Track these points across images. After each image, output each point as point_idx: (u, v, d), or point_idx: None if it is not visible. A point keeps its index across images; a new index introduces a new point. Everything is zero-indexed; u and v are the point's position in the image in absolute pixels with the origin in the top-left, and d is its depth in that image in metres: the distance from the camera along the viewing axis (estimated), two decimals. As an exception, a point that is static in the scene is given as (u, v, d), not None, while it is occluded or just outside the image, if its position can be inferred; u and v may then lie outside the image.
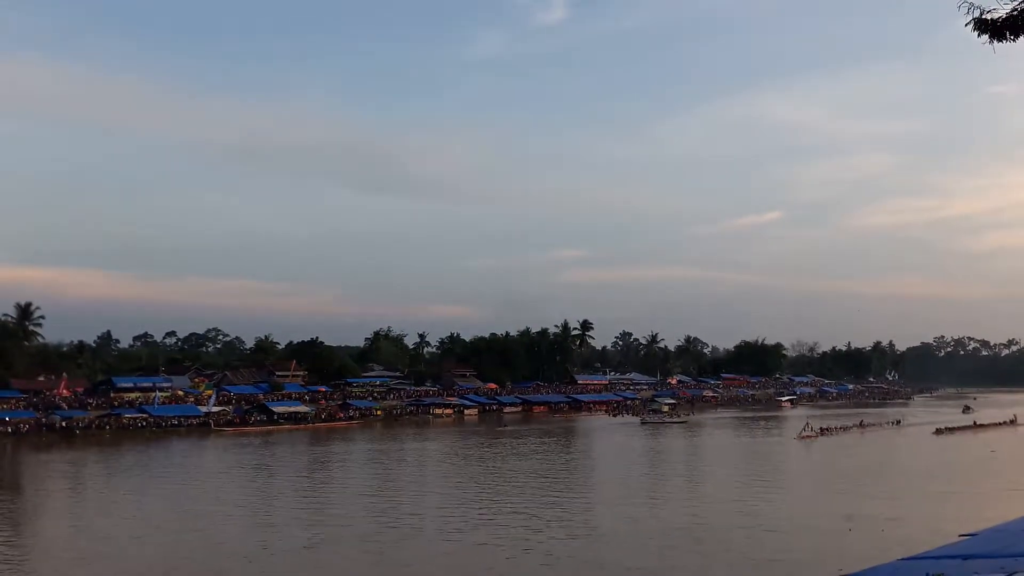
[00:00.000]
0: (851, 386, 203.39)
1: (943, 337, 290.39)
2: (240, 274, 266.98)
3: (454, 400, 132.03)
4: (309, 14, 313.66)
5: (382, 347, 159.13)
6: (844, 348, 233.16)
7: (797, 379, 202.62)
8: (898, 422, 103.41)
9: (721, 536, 36.26)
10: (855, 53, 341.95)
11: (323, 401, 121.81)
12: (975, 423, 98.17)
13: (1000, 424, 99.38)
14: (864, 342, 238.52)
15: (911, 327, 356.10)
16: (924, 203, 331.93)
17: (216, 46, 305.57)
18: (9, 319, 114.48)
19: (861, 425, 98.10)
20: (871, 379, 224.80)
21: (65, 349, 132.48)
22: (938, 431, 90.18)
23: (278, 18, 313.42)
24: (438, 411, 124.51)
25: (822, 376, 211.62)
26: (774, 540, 35.38)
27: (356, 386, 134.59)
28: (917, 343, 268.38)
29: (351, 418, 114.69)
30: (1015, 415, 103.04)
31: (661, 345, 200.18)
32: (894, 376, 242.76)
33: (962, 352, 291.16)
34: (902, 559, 8.13)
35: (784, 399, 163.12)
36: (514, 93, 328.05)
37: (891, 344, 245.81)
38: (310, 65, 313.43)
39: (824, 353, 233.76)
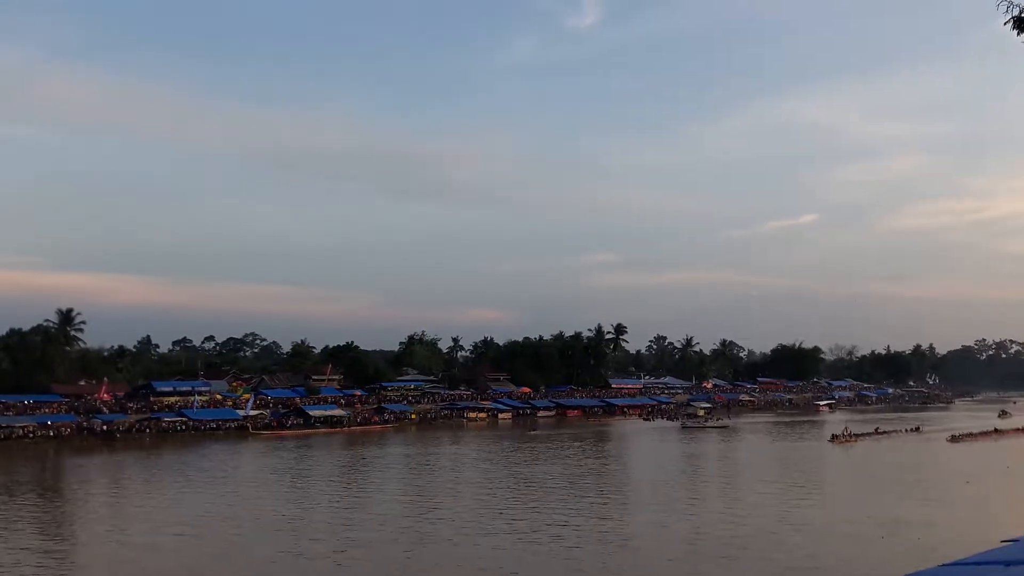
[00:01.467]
0: (890, 390, 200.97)
1: (984, 340, 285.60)
2: (276, 280, 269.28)
3: (488, 404, 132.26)
4: (342, 22, 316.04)
5: (416, 351, 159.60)
6: (883, 352, 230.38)
7: (835, 383, 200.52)
8: (918, 428, 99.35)
9: (752, 543, 36.13)
10: (889, 54, 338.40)
11: (358, 405, 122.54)
12: (995, 429, 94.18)
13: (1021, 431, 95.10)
14: (903, 345, 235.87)
15: (951, 330, 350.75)
16: (963, 205, 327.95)
17: (249, 54, 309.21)
18: (51, 324, 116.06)
19: (876, 432, 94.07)
20: (911, 383, 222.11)
21: (106, 354, 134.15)
22: (953, 438, 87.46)
23: (311, 26, 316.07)
24: (472, 415, 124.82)
25: (861, 380, 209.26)
26: (807, 547, 35.17)
27: (391, 390, 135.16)
28: (958, 346, 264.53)
29: (386, 422, 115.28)
30: None
31: (696, 349, 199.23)
32: (934, 380, 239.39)
33: (1004, 355, 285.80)
34: (943, 565, 8.06)
35: (822, 403, 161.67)
36: (546, 98, 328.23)
37: (931, 347, 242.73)
38: (343, 72, 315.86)
39: (863, 357, 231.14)
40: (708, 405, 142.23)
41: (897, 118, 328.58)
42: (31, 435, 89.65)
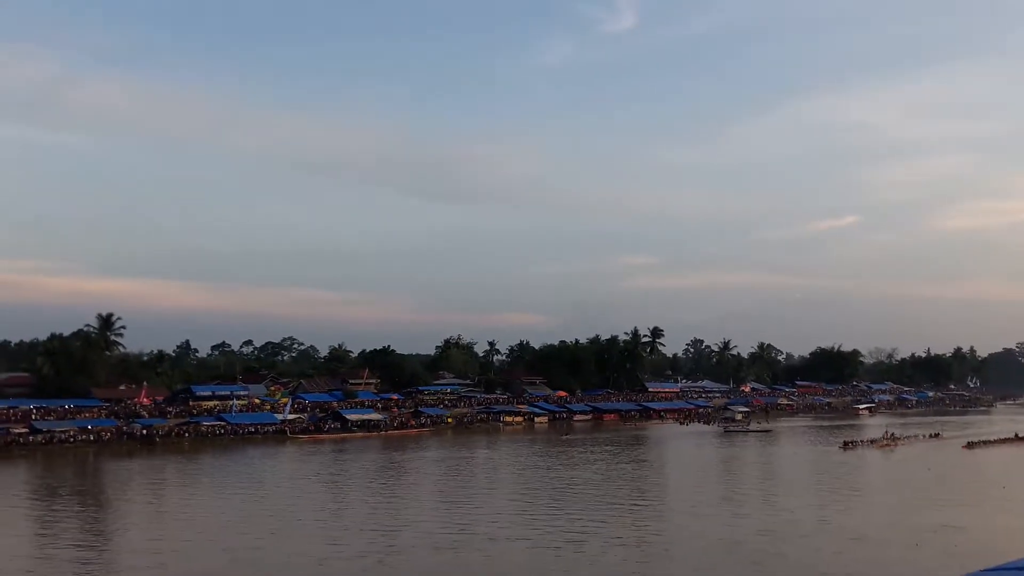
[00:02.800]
0: (931, 393, 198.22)
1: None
2: (313, 284, 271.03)
3: (524, 408, 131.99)
4: (375, 26, 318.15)
5: (452, 355, 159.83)
6: (923, 354, 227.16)
7: (875, 386, 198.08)
8: (937, 435, 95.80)
9: (783, 550, 35.70)
10: (933, 52, 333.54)
11: (395, 409, 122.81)
12: (1016, 435, 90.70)
13: None
14: (944, 348, 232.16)
15: (993, 332, 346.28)
16: (1007, 205, 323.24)
17: (283, 59, 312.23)
18: (91, 330, 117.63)
19: (892, 438, 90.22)
20: (951, 386, 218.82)
21: (145, 358, 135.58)
22: (970, 444, 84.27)
23: (345, 31, 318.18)
24: (508, 419, 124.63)
25: (901, 383, 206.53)
26: (842, 553, 34.64)
27: (427, 394, 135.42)
28: (999, 349, 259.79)
29: (423, 425, 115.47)
30: None
31: (733, 352, 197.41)
32: (975, 383, 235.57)
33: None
34: (982, 571, 7.83)
35: (862, 407, 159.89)
36: (583, 100, 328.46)
37: (972, 350, 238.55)
38: (378, 76, 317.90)
39: (903, 359, 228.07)
40: (746, 409, 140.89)
41: (941, 117, 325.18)
42: (72, 439, 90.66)
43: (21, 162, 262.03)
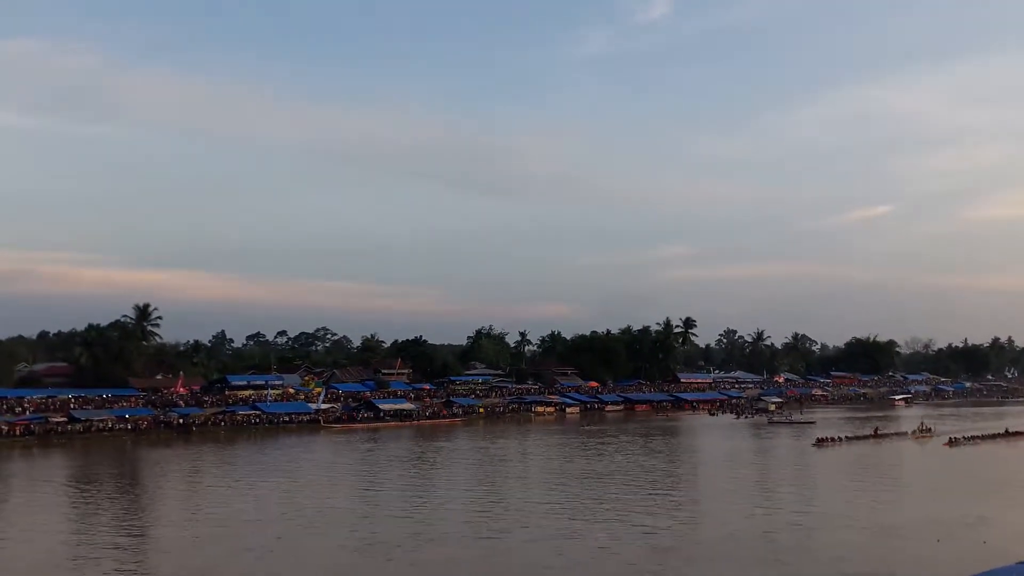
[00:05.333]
0: (968, 384, 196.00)
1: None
2: (347, 275, 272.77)
3: (555, 398, 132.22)
4: (413, 17, 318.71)
5: (484, 346, 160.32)
6: (960, 345, 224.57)
7: (911, 377, 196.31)
8: (929, 429, 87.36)
9: (811, 545, 35.62)
10: (973, 40, 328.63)
11: (427, 399, 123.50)
12: (1007, 431, 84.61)
13: None
14: (982, 338, 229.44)
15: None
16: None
17: (319, 52, 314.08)
18: (128, 320, 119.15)
19: (875, 434, 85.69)
20: (989, 377, 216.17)
21: (182, 349, 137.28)
22: (951, 441, 77.96)
23: (382, 23, 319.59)
24: (539, 409, 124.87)
25: (937, 374, 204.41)
26: (869, 549, 34.45)
27: (459, 384, 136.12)
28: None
29: (454, 416, 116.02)
30: None
31: (767, 343, 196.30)
32: (1013, 374, 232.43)
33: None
34: (1020, 563, 7.91)
35: (898, 398, 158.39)
36: (618, 90, 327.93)
37: (1010, 340, 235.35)
38: (414, 68, 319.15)
39: (939, 350, 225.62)
40: (779, 399, 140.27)
41: (978, 106, 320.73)
42: (109, 428, 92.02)
43: (60, 154, 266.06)
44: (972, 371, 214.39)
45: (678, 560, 32.58)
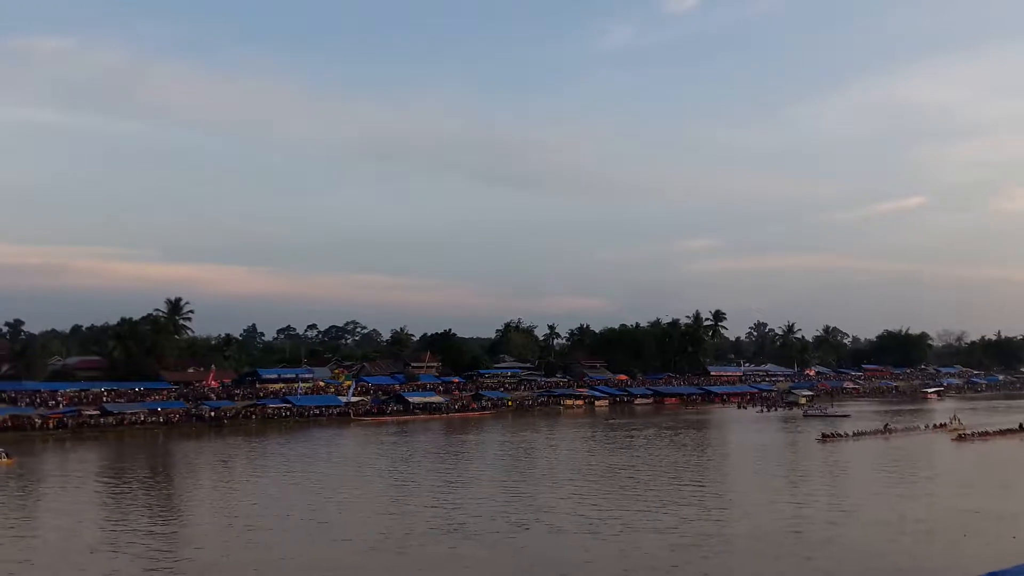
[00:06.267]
0: (1001, 377, 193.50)
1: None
2: (376, 269, 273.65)
3: (584, 392, 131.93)
4: (439, 12, 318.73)
5: (513, 339, 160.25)
6: (993, 337, 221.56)
7: (944, 370, 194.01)
8: (943, 425, 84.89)
9: (835, 540, 35.25)
10: (1003, 29, 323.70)
11: (456, 392, 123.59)
12: (1021, 426, 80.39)
13: None
14: (1015, 331, 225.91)
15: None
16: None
17: (347, 47, 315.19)
18: (160, 314, 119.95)
19: (886, 429, 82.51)
20: (1023, 369, 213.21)
21: (213, 342, 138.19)
22: (960, 437, 75.62)
23: (407, 18, 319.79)
24: (568, 402, 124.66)
25: (970, 367, 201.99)
26: (892, 545, 34.00)
27: (488, 377, 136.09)
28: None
29: (484, 408, 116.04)
30: None
31: (798, 335, 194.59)
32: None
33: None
34: (992, 572, 7.65)
35: (930, 391, 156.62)
36: (645, 82, 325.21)
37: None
38: (442, 62, 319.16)
39: (972, 343, 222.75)
40: (810, 392, 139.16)
41: (1010, 96, 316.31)
42: (142, 421, 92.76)
43: (91, 150, 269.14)
44: (1005, 364, 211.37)
45: (702, 555, 32.25)
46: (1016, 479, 52.14)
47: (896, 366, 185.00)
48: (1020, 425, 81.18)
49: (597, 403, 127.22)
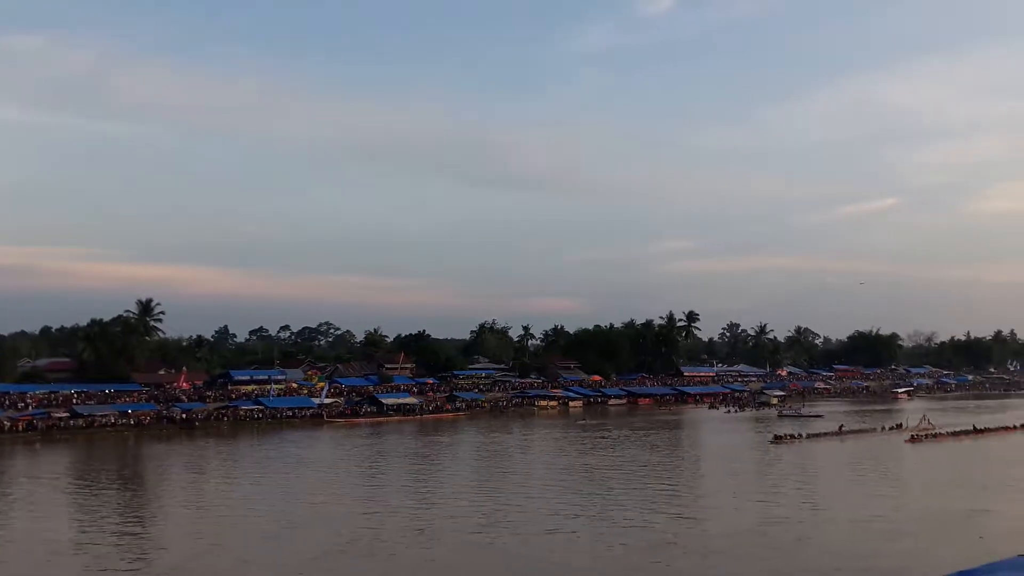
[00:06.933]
0: (970, 377, 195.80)
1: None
2: (350, 269, 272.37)
3: (559, 392, 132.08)
4: (421, 14, 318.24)
5: (487, 340, 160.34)
6: (963, 338, 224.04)
7: (914, 370, 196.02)
8: (899, 426, 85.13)
9: (804, 541, 35.57)
10: (972, 32, 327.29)
11: (430, 393, 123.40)
12: (975, 428, 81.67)
13: (1015, 428, 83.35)
14: (984, 331, 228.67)
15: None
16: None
17: (327, 47, 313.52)
18: (131, 315, 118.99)
19: (840, 431, 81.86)
20: (992, 370, 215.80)
21: (184, 343, 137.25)
22: (913, 438, 75.57)
23: (389, 20, 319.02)
24: (543, 403, 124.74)
25: (940, 367, 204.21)
26: (859, 546, 34.33)
27: (462, 378, 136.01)
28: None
29: (458, 410, 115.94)
30: None
31: (770, 336, 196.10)
32: (1016, 367, 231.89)
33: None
34: (1021, 555, 7.73)
35: (900, 391, 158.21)
36: (621, 84, 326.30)
37: (1012, 333, 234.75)
38: (421, 64, 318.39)
39: (942, 343, 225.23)
40: (782, 393, 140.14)
41: (980, 98, 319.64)
42: (112, 423, 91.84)
43: (62, 150, 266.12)
44: (975, 364, 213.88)
45: (673, 555, 32.47)
46: (971, 479, 52.56)
47: (867, 366, 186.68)
48: (974, 427, 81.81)
49: (571, 404, 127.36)
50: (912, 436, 76.84)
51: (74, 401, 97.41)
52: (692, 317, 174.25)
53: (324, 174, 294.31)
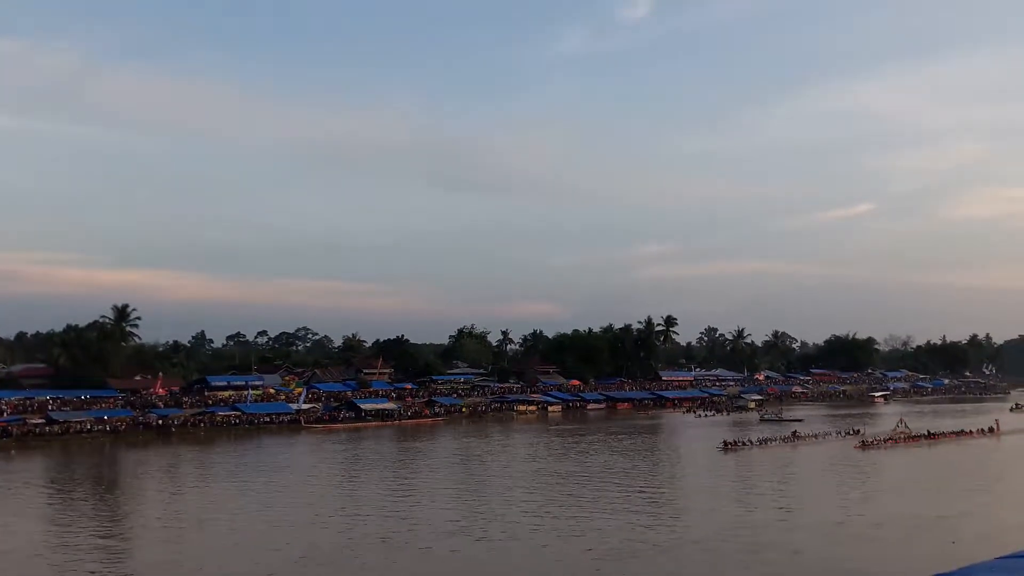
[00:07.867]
0: (946, 381, 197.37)
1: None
2: (327, 274, 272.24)
3: (538, 397, 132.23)
4: (392, 17, 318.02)
5: (466, 345, 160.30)
6: (939, 342, 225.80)
7: (890, 374, 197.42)
8: (858, 431, 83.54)
9: (790, 543, 35.85)
10: (952, 38, 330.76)
11: (409, 398, 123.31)
12: (928, 433, 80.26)
13: (971, 434, 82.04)
14: (960, 335, 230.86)
15: (1009, 319, 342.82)
16: (1022, 192, 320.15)
17: (303, 51, 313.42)
18: (107, 321, 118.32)
19: (794, 436, 79.98)
20: (967, 373, 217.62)
21: (161, 349, 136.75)
22: (863, 445, 73.45)
23: (364, 22, 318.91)
24: (522, 408, 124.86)
25: (916, 371, 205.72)
26: (831, 550, 34.56)
27: (441, 383, 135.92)
28: (1015, 336, 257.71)
29: (437, 415, 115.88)
30: (996, 422, 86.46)
31: (748, 340, 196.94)
32: (991, 370, 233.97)
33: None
34: (1000, 558, 7.86)
35: (877, 395, 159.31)
36: (597, 88, 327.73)
37: (988, 337, 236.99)
38: (392, 67, 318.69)
39: (918, 347, 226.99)
40: (759, 397, 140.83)
41: (955, 104, 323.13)
42: (88, 430, 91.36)
43: (39, 155, 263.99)
44: (950, 367, 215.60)
45: (648, 557, 32.60)
46: (928, 484, 52.73)
47: (843, 370, 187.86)
48: (928, 432, 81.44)
49: (550, 409, 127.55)
50: (863, 443, 74.72)
51: (49, 407, 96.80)
52: (670, 321, 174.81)
53: (301, 179, 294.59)
